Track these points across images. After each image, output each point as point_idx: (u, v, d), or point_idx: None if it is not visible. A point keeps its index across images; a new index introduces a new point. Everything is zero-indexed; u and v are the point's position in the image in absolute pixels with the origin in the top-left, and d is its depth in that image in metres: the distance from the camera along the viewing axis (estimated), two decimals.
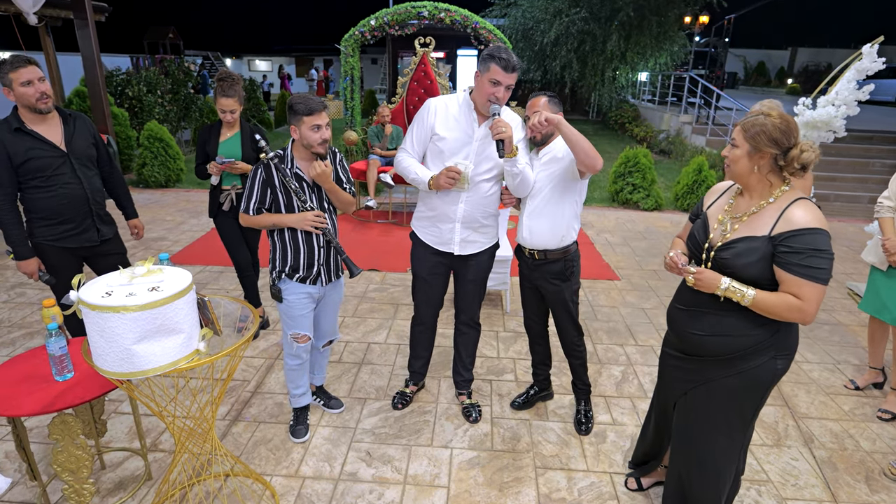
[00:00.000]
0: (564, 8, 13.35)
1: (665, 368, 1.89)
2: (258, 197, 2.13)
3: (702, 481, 1.76)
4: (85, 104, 7.10)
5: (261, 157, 2.18)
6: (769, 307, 1.48)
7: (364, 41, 6.24)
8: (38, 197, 2.31)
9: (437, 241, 2.35)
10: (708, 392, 1.68)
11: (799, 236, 1.43)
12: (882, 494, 2.18)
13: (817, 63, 25.71)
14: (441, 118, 2.20)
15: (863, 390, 2.90)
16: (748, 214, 1.56)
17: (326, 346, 2.51)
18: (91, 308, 1.45)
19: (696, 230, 1.70)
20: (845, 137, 4.58)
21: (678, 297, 1.76)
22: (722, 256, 1.56)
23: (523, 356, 3.17)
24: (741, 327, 1.56)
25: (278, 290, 2.22)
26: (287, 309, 2.24)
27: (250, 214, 2.15)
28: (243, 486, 2.12)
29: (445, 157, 2.20)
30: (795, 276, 1.44)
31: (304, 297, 2.22)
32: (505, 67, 2.03)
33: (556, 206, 2.22)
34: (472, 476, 2.22)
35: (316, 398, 2.63)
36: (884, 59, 4.77)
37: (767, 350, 1.57)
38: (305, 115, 2.03)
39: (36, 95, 2.19)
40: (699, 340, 1.65)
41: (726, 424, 1.68)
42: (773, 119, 1.49)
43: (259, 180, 2.12)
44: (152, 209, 6.10)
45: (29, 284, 3.97)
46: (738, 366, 1.60)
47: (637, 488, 2.15)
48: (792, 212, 1.46)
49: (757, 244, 1.49)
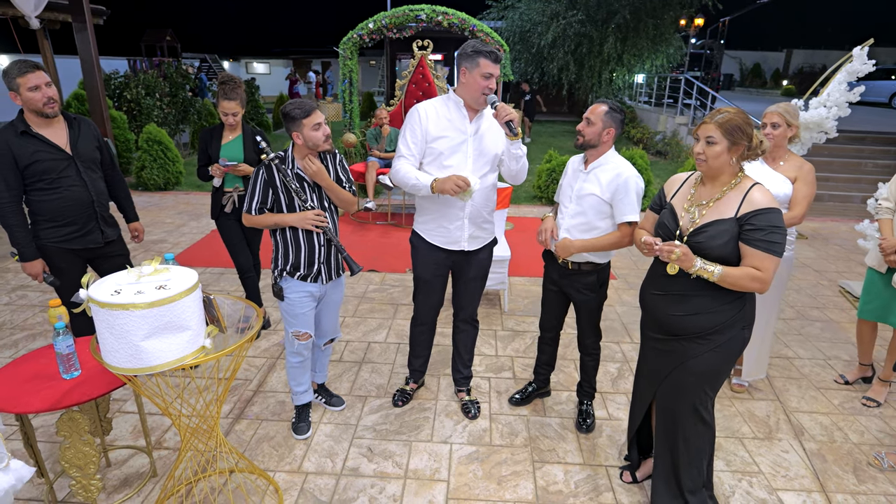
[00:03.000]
0: (561, 10, 13.46)
1: (649, 353, 1.99)
2: (260, 197, 2.19)
3: (688, 453, 1.91)
4: (83, 107, 7.14)
5: (262, 159, 2.23)
6: (734, 280, 1.65)
7: (362, 44, 6.29)
8: (43, 199, 2.35)
9: (446, 240, 2.36)
10: (687, 370, 1.83)
11: (761, 215, 1.63)
12: (869, 484, 2.23)
13: (812, 65, 25.90)
14: (433, 121, 2.23)
15: (852, 384, 2.96)
16: (714, 200, 1.73)
17: (328, 344, 2.55)
18: (101, 306, 1.49)
19: (665, 219, 1.84)
20: (838, 138, 4.65)
21: (652, 284, 1.89)
22: (696, 240, 1.71)
23: (521, 354, 3.22)
24: (715, 305, 1.74)
25: (280, 289, 2.26)
26: (288, 307, 2.28)
27: (253, 214, 2.21)
28: (247, 482, 2.16)
29: (444, 159, 2.23)
30: (758, 249, 1.63)
31: (304, 295, 2.26)
32: (494, 60, 2.12)
33: (594, 226, 2.21)
34: (471, 470, 2.27)
35: (318, 396, 2.67)
36: (874, 61, 4.86)
37: (737, 323, 1.76)
38: (304, 118, 2.09)
39: (43, 100, 2.24)
40: (679, 321, 1.80)
41: (704, 394, 1.85)
42: (739, 115, 1.68)
43: (261, 181, 2.18)
44: (152, 212, 6.14)
45: (31, 287, 4.01)
46: (715, 340, 1.77)
47: (632, 481, 2.20)
48: (753, 195, 1.67)
49: (726, 226, 1.67)
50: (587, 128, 2.15)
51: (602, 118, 2.12)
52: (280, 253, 2.26)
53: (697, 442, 1.90)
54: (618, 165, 2.17)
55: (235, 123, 2.99)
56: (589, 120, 2.15)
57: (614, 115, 2.13)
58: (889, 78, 15.66)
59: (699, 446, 1.91)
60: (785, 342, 3.44)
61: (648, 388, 2.01)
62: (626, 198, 2.13)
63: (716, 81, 13.91)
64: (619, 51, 13.44)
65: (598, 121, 2.12)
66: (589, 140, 2.16)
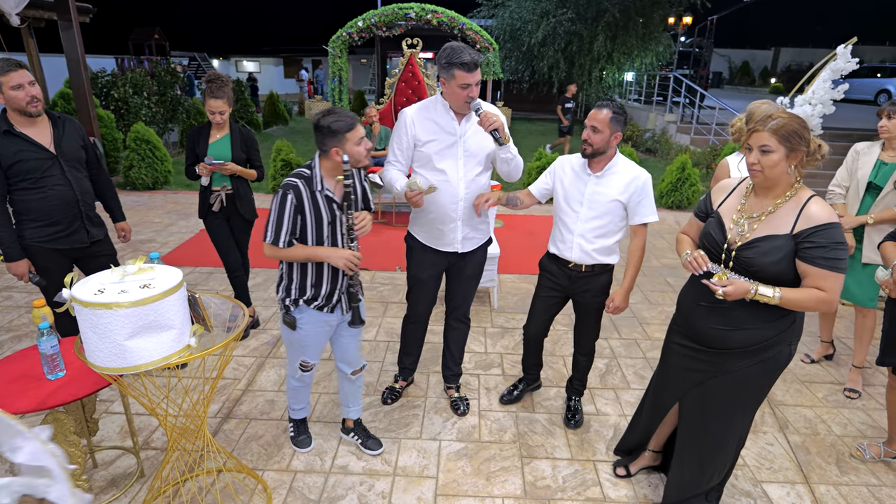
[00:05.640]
0: (551, 9, 13.49)
1: (678, 360, 1.88)
2: (289, 227, 1.88)
3: (714, 462, 1.86)
4: (70, 106, 7.05)
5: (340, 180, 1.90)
6: (797, 303, 1.55)
7: (352, 42, 6.27)
8: (27, 198, 2.32)
9: (440, 242, 2.36)
10: (726, 381, 1.74)
11: (821, 231, 1.51)
12: (851, 475, 2.27)
13: (800, 63, 26.20)
14: (420, 125, 2.23)
15: (818, 363, 3.15)
16: (766, 214, 1.61)
17: (357, 373, 2.31)
18: (84, 305, 1.48)
19: (712, 229, 1.72)
20: (824, 135, 4.72)
21: (697, 294, 1.75)
22: (746, 255, 1.60)
23: (510, 351, 3.24)
24: (764, 319, 1.63)
25: (293, 320, 2.04)
26: (301, 338, 2.08)
27: (281, 247, 1.91)
28: (235, 481, 2.16)
29: (435, 162, 2.23)
30: (821, 268, 1.50)
31: (321, 325, 2.08)
32: (469, 70, 2.06)
33: (609, 229, 2.22)
34: (459, 466, 2.28)
35: (353, 435, 2.40)
36: (857, 59, 4.93)
37: (786, 338, 1.66)
38: (348, 132, 1.86)
39: (26, 99, 2.21)
40: (721, 335, 1.69)
41: (742, 407, 1.77)
42: (793, 118, 1.53)
43: (290, 207, 1.87)
44: (140, 211, 6.09)
45: (16, 287, 3.96)
46: (760, 355, 1.67)
47: (626, 475, 2.22)
48: (810, 209, 1.54)
49: (780, 242, 1.55)
50: (594, 135, 2.10)
51: (608, 124, 2.07)
52: (295, 283, 2.01)
53: (725, 453, 1.83)
54: (632, 168, 2.18)
55: (223, 122, 2.98)
56: (595, 128, 2.09)
57: (618, 119, 2.08)
58: (875, 76, 15.88)
59: (724, 458, 1.85)
60: None
61: (672, 394, 1.94)
62: (645, 199, 2.16)
63: (705, 79, 14.02)
64: (608, 49, 13.51)
65: (605, 127, 2.07)
66: (598, 148, 2.11)
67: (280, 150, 7.01)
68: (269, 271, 4.37)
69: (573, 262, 2.27)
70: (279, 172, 6.97)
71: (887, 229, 2.54)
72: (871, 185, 2.75)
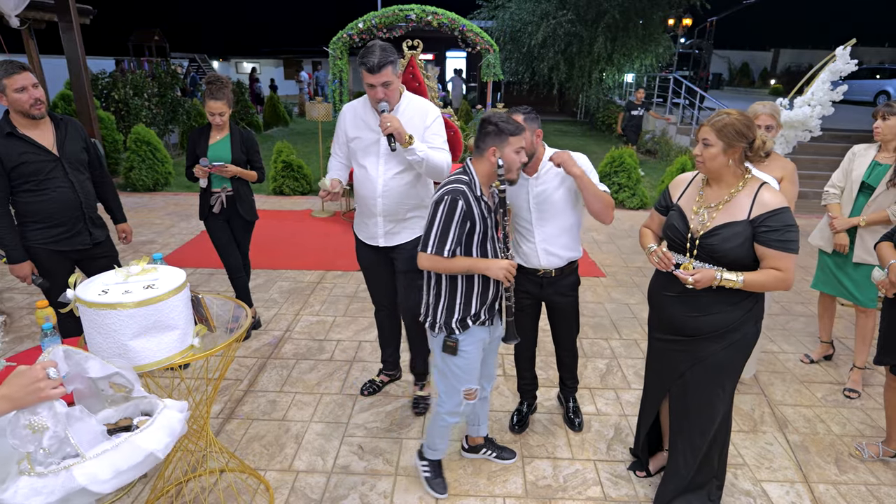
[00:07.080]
0: (551, 10, 13.51)
1: (661, 354, 1.97)
2: (456, 236, 1.75)
3: (703, 447, 1.92)
4: (70, 108, 7.07)
5: (495, 188, 1.79)
6: (759, 284, 1.67)
7: (352, 44, 6.29)
8: (30, 201, 2.34)
9: (366, 235, 2.43)
10: (704, 368, 1.83)
11: (775, 216, 1.64)
12: (850, 474, 2.29)
13: (799, 64, 26.22)
14: (350, 122, 2.32)
15: (817, 363, 3.16)
16: (723, 203, 1.73)
17: None
18: (88, 305, 1.49)
19: (675, 221, 1.82)
20: (824, 136, 4.74)
21: (664, 285, 1.85)
22: (709, 242, 1.71)
23: (510, 351, 3.23)
24: (730, 302, 1.74)
25: (455, 343, 1.86)
26: (465, 363, 1.91)
27: (445, 256, 1.76)
28: (238, 481, 2.17)
29: (359, 157, 2.31)
30: (777, 250, 1.64)
31: (479, 343, 1.95)
32: (370, 70, 2.04)
33: (568, 223, 2.19)
34: (461, 466, 2.29)
35: (485, 451, 2.32)
36: (856, 60, 4.95)
37: (750, 318, 1.78)
38: (512, 136, 1.77)
39: (30, 101, 2.23)
40: (694, 322, 1.80)
41: (722, 388, 1.86)
42: (737, 116, 1.69)
43: (459, 215, 1.74)
44: (140, 213, 6.10)
45: (17, 289, 3.97)
46: (729, 338, 1.77)
47: (646, 475, 2.22)
48: (763, 196, 1.68)
49: (739, 228, 1.67)
50: None
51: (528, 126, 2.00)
52: (459, 301, 1.86)
53: (712, 436, 1.90)
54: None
55: (223, 123, 2.99)
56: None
57: (531, 118, 2.07)
58: (874, 77, 15.91)
59: (713, 441, 1.91)
60: (770, 337, 3.49)
61: (661, 386, 2.01)
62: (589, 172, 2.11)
63: (704, 81, 14.05)
64: (608, 50, 13.52)
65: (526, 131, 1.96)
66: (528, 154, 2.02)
67: (281, 152, 7.02)
68: (270, 272, 4.38)
69: (542, 268, 2.23)
70: (280, 174, 6.99)
71: (880, 230, 2.56)
72: (865, 186, 2.78)
